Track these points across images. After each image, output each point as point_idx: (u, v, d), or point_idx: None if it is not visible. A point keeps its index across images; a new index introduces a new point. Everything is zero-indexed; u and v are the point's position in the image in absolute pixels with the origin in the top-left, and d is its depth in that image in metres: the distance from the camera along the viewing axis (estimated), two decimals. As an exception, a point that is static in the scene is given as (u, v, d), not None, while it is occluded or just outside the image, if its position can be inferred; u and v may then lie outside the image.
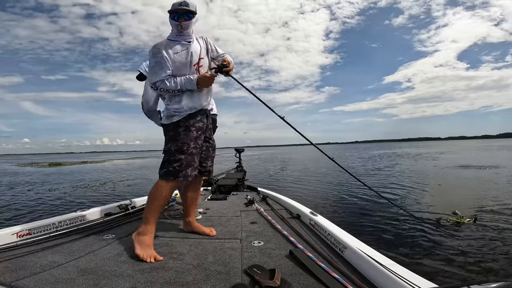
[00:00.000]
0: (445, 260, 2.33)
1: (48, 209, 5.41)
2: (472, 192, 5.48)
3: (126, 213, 2.09)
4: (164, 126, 1.55)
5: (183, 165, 1.44)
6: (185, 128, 1.50)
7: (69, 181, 10.93)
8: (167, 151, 1.49)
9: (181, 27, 1.47)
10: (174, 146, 1.47)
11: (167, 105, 1.53)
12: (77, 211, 1.97)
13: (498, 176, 7.64)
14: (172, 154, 1.46)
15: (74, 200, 6.31)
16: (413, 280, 0.86)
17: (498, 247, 2.58)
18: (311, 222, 1.71)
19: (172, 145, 1.48)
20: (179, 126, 1.49)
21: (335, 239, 1.35)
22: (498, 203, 4.40)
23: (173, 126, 1.49)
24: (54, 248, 1.37)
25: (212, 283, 1.00)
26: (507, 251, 2.47)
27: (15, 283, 0.98)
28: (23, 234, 1.53)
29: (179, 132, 1.48)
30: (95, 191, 7.85)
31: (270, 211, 2.14)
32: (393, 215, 3.89)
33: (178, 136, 1.48)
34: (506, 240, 2.76)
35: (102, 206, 2.17)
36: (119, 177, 11.77)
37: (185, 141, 1.48)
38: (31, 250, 1.32)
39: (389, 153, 22.29)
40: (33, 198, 6.70)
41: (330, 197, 5.52)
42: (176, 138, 1.48)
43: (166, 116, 1.52)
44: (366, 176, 8.70)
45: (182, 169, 1.44)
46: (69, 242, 1.47)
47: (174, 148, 1.46)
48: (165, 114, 1.53)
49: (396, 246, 2.72)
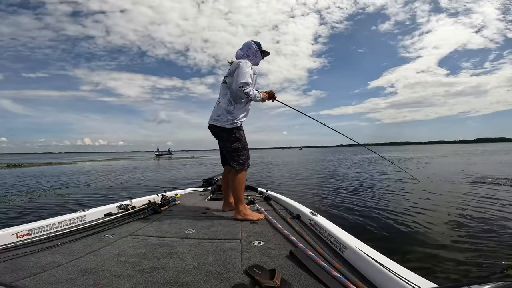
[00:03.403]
0: (445, 260, 2.33)
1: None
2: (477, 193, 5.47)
3: (126, 213, 2.09)
4: (228, 129, 2.00)
5: (246, 157, 2.04)
6: (243, 131, 2.08)
7: (7, 186, 8.72)
8: (236, 148, 2.01)
9: (258, 62, 2.19)
10: (240, 144, 2.02)
11: (231, 112, 1.99)
12: (77, 211, 1.97)
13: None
14: (240, 150, 2.01)
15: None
16: (413, 280, 0.86)
17: (499, 247, 2.58)
18: (311, 222, 1.71)
19: (238, 143, 2.01)
20: (240, 130, 2.05)
21: (335, 239, 1.35)
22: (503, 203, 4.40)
23: (237, 129, 2.02)
24: (54, 248, 1.37)
25: (212, 283, 1.00)
26: (507, 251, 2.47)
27: (15, 283, 0.98)
28: (23, 235, 1.53)
29: (242, 134, 2.05)
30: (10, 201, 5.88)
31: (270, 211, 2.14)
32: (393, 215, 3.89)
33: (241, 137, 2.04)
34: (507, 240, 2.75)
35: (102, 206, 2.17)
36: (71, 182, 9.65)
37: (245, 140, 2.07)
38: (31, 250, 1.32)
39: (376, 158, 21.30)
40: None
41: (327, 195, 5.53)
42: (240, 138, 2.03)
43: (230, 123, 1.99)
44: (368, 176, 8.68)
45: (246, 160, 2.03)
46: (69, 242, 1.47)
47: (241, 146, 2.02)
48: (230, 121, 1.99)
49: (396, 246, 2.72)
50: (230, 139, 2.02)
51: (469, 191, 5.60)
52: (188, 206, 2.46)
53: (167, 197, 2.58)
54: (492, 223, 3.35)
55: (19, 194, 7.01)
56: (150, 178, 11.03)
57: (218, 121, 2.02)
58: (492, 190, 5.57)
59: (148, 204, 2.22)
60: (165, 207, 2.32)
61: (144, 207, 2.19)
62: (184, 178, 10.55)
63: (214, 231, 1.67)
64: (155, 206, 2.17)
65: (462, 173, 9.00)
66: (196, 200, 2.80)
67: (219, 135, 2.09)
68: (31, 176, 12.84)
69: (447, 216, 3.71)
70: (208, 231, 1.67)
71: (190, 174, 12.44)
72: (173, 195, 2.85)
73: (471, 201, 4.68)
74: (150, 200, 2.31)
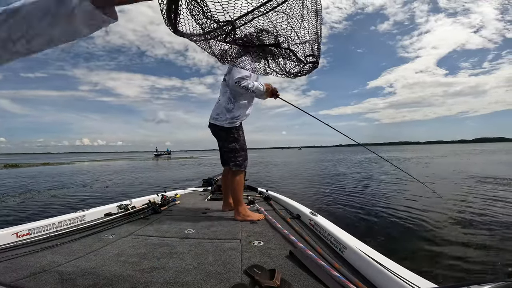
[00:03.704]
0: (445, 260, 2.34)
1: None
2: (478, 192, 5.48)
3: (126, 213, 2.09)
4: (227, 129, 1.95)
5: (244, 159, 1.99)
6: (242, 131, 2.03)
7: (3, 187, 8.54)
8: (233, 149, 1.96)
9: None
10: (238, 145, 1.97)
11: (231, 111, 1.93)
12: (77, 211, 1.97)
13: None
14: (237, 151, 1.96)
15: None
16: (413, 280, 0.86)
17: (499, 246, 2.58)
18: (311, 222, 1.71)
19: (236, 144, 1.97)
20: (239, 130, 1.99)
21: (335, 239, 1.35)
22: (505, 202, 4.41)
23: (236, 129, 1.97)
24: (54, 248, 1.37)
25: (212, 283, 1.00)
26: (508, 251, 2.47)
27: (15, 283, 0.98)
28: (23, 234, 1.53)
29: (240, 134, 2.00)
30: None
31: (270, 211, 2.14)
32: (393, 215, 3.89)
33: (240, 137, 1.99)
34: (507, 240, 2.76)
35: (102, 206, 2.17)
36: (68, 183, 9.42)
37: (244, 141, 2.02)
38: (31, 250, 1.32)
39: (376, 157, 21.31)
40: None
41: (324, 193, 5.53)
42: (238, 139, 1.98)
43: (229, 122, 1.94)
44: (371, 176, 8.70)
45: (243, 161, 1.98)
46: (69, 242, 1.47)
47: (238, 147, 1.97)
48: (229, 120, 1.94)
49: (396, 246, 2.72)
50: (228, 139, 1.99)
51: (470, 191, 5.60)
52: (188, 206, 2.46)
53: (167, 197, 2.58)
54: (493, 223, 3.35)
55: (12, 195, 6.86)
56: (149, 177, 11.02)
57: (217, 119, 1.99)
58: (493, 191, 5.58)
59: (148, 204, 2.22)
60: (165, 207, 2.31)
61: (144, 207, 2.19)
62: (184, 178, 10.54)
63: (214, 231, 1.67)
64: (155, 206, 2.17)
65: (462, 173, 9.01)
66: (196, 200, 2.80)
67: (218, 134, 2.06)
68: (29, 176, 12.63)
69: (447, 216, 3.72)
70: (208, 231, 1.67)
71: (190, 174, 12.43)
72: (173, 195, 2.85)
73: (472, 201, 4.69)
74: (150, 200, 2.31)
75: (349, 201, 5.00)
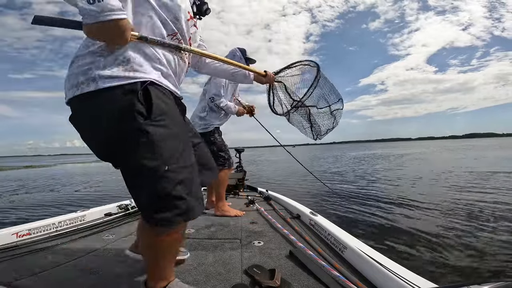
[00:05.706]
0: (445, 260, 2.33)
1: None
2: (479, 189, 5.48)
3: (126, 213, 2.09)
4: (201, 134, 1.95)
5: (225, 158, 2.14)
6: (218, 133, 2.18)
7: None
8: (212, 151, 1.95)
9: None
10: (216, 147, 2.11)
11: (204, 118, 2.11)
12: (77, 211, 1.97)
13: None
14: (215, 152, 2.08)
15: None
16: (413, 280, 0.86)
17: (499, 246, 2.58)
18: (311, 222, 1.71)
19: (213, 146, 2.09)
20: (214, 133, 2.13)
21: (335, 239, 1.35)
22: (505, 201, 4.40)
23: (210, 133, 2.11)
24: (54, 248, 1.37)
25: (212, 283, 1.00)
26: (508, 251, 2.47)
27: (15, 283, 0.98)
28: (23, 234, 1.53)
29: (216, 137, 2.14)
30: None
31: (270, 211, 2.14)
32: (393, 214, 3.89)
33: (216, 140, 2.13)
34: (507, 239, 2.76)
35: (102, 206, 2.16)
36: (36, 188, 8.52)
37: (222, 142, 2.17)
38: (31, 250, 1.32)
39: (379, 154, 21.25)
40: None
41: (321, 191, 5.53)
42: (215, 142, 2.12)
43: (202, 128, 2.09)
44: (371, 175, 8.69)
45: (225, 160, 2.14)
46: (69, 242, 1.47)
47: (216, 148, 2.11)
48: (202, 126, 2.09)
49: (396, 246, 2.72)
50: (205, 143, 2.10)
51: (470, 189, 5.59)
52: None
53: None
54: (494, 223, 3.34)
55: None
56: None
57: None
58: (493, 189, 5.57)
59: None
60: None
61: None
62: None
63: (213, 231, 1.67)
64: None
65: (460, 169, 9.00)
66: None
67: None
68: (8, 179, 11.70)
69: (447, 215, 3.71)
70: (208, 231, 1.67)
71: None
72: None
73: (472, 200, 4.68)
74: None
75: (349, 201, 5.00)
